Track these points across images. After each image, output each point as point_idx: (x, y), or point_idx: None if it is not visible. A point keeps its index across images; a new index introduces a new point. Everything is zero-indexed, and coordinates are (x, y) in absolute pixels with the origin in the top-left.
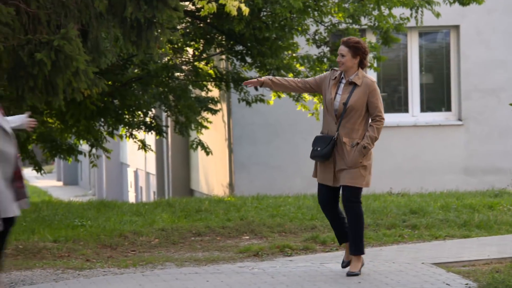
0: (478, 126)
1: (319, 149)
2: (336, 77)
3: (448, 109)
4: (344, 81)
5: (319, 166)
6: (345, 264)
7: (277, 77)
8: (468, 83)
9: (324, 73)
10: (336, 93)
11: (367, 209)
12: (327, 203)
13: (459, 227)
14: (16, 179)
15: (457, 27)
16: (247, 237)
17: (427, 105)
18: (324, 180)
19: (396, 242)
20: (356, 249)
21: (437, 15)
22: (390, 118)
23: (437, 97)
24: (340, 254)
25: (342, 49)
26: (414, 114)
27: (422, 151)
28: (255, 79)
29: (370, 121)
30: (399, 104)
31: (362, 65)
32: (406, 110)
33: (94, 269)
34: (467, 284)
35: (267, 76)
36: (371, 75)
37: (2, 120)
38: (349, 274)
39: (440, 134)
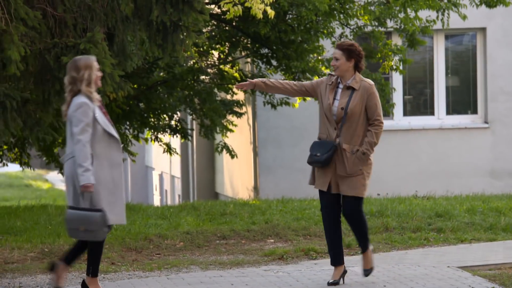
0: (505, 129)
1: (318, 154)
2: (333, 82)
3: (474, 111)
4: (341, 86)
5: (317, 172)
6: (332, 283)
7: (272, 80)
8: (494, 86)
9: (321, 78)
10: (334, 98)
11: (392, 212)
12: (330, 209)
13: (485, 230)
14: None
15: (483, 30)
16: (272, 241)
17: (453, 108)
18: (320, 185)
19: (421, 246)
20: (364, 245)
21: (464, 17)
22: (416, 121)
23: (463, 99)
24: None
25: (336, 52)
26: (440, 116)
27: (447, 154)
28: (248, 82)
29: (368, 126)
30: (425, 106)
31: (358, 68)
32: (432, 113)
33: (119, 272)
34: (493, 287)
35: (260, 79)
36: (397, 78)
37: (108, 125)
38: (367, 273)
39: (466, 136)
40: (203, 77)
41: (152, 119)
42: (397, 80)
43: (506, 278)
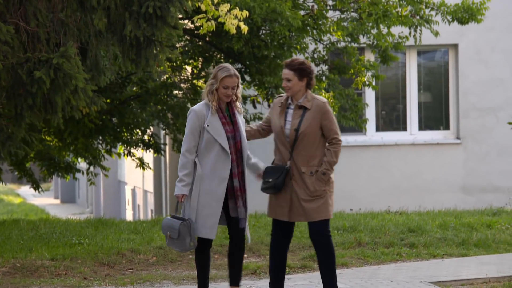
0: (477, 145)
1: (270, 180)
2: (282, 103)
3: (447, 127)
4: (292, 106)
5: (272, 200)
6: None
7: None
8: (466, 102)
9: (272, 103)
10: (285, 119)
11: (365, 227)
12: (281, 243)
13: (457, 246)
14: (231, 198)
15: (455, 46)
16: (245, 256)
17: (426, 124)
18: (279, 215)
19: (394, 261)
20: (330, 281)
21: (436, 34)
22: (388, 137)
23: (435, 115)
24: (339, 273)
25: (287, 73)
26: (413, 132)
27: (420, 170)
28: None
29: (326, 144)
30: (397, 122)
31: (309, 86)
32: (405, 129)
33: (92, 287)
34: None
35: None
36: (370, 93)
37: (220, 135)
38: None
39: (438, 152)
40: (176, 92)
41: (125, 134)
42: (369, 96)
43: None
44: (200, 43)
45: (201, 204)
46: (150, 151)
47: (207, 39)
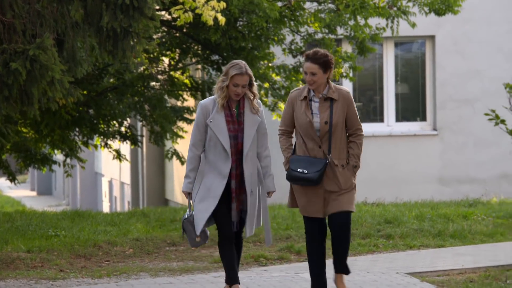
0: (453, 136)
1: (306, 172)
2: (305, 96)
3: (423, 119)
4: (315, 98)
5: (303, 195)
6: None
7: (288, 151)
8: (443, 93)
9: (287, 102)
10: (312, 113)
11: None
12: (319, 237)
13: (434, 237)
14: (231, 200)
15: (432, 37)
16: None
17: (403, 115)
18: (314, 212)
19: (370, 252)
20: (344, 266)
21: (413, 25)
22: (365, 128)
23: (412, 107)
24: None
25: (311, 66)
26: (389, 124)
27: (397, 161)
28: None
29: (350, 136)
30: (374, 113)
31: (329, 77)
32: (382, 120)
33: (68, 280)
34: None
35: (286, 159)
36: (347, 85)
37: (222, 132)
38: None
39: (415, 144)
40: (154, 83)
41: (102, 126)
42: (347, 87)
43: (454, 284)
44: (177, 34)
45: (197, 199)
46: (127, 142)
47: (185, 30)
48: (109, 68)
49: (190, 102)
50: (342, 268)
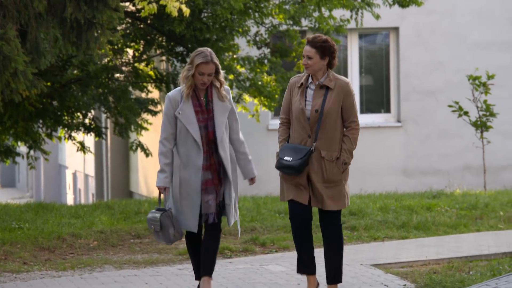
0: (417, 128)
1: (290, 159)
2: (302, 83)
3: (387, 110)
4: (312, 86)
5: (289, 183)
6: None
7: (281, 140)
8: (407, 85)
9: (286, 89)
10: (306, 100)
11: None
12: (302, 218)
13: (398, 229)
14: (204, 192)
15: (396, 29)
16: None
17: (367, 107)
18: (299, 197)
19: None
20: (337, 277)
21: (377, 17)
22: None
23: (376, 98)
24: (280, 256)
25: (308, 50)
26: None
27: (361, 153)
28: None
29: (344, 129)
30: None
31: (330, 65)
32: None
33: (32, 272)
34: (405, 285)
35: (279, 147)
36: None
37: (191, 123)
38: None
39: (379, 135)
40: (118, 75)
41: (66, 117)
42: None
43: (417, 275)
44: (141, 25)
45: (182, 195)
46: (91, 134)
47: (149, 21)
48: (73, 60)
49: (154, 94)
50: (333, 277)
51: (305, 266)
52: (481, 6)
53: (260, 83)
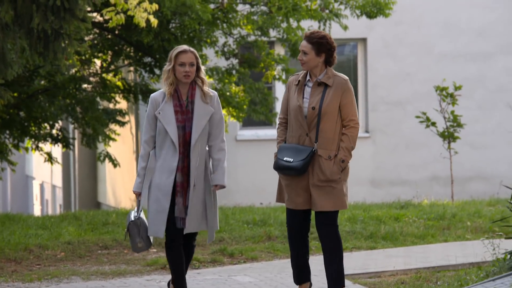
0: (385, 138)
1: (291, 160)
2: (299, 80)
3: None
4: (310, 83)
5: (288, 186)
6: None
7: (279, 141)
8: (375, 96)
9: (285, 88)
10: (303, 97)
11: (275, 221)
12: (300, 228)
13: (366, 239)
14: (177, 194)
15: (364, 40)
16: (155, 250)
17: None
18: (299, 205)
19: None
20: (339, 281)
21: (345, 27)
22: None
23: None
24: (249, 267)
25: (304, 45)
26: None
27: None
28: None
29: (343, 128)
30: None
31: (329, 63)
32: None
33: None
34: None
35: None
36: (280, 87)
37: (170, 123)
38: None
39: None
40: (85, 85)
41: (33, 128)
42: (280, 90)
43: (385, 285)
44: (109, 36)
45: (151, 200)
46: (58, 145)
47: (117, 32)
48: (40, 70)
49: (122, 104)
50: (336, 281)
51: (302, 275)
52: (448, 17)
53: (228, 93)
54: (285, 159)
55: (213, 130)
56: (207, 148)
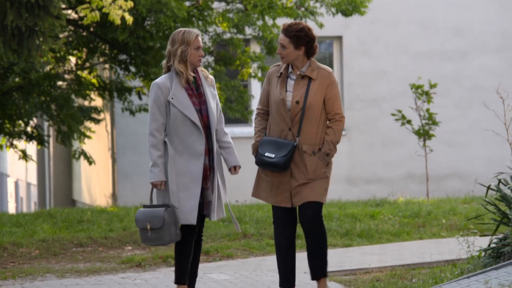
0: (361, 136)
1: (273, 156)
2: (281, 72)
3: None
4: (293, 75)
5: (266, 184)
6: None
7: (259, 134)
8: (351, 94)
9: (265, 79)
10: (286, 90)
11: (251, 219)
12: (287, 227)
13: (341, 236)
14: (204, 179)
15: (340, 38)
16: (130, 248)
17: None
18: (280, 201)
19: None
20: (323, 269)
21: (320, 25)
22: None
23: None
24: (224, 264)
25: (282, 39)
26: None
27: None
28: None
29: (328, 121)
30: None
31: (310, 54)
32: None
33: None
34: None
35: (256, 139)
36: (256, 85)
37: (188, 108)
38: None
39: None
40: (60, 83)
41: (8, 125)
42: (256, 87)
43: (361, 283)
44: (84, 33)
45: (179, 187)
46: (33, 143)
47: (92, 29)
48: (15, 67)
49: (97, 102)
50: (319, 271)
51: (289, 279)
52: (424, 16)
53: None
54: (266, 154)
55: (217, 114)
56: None
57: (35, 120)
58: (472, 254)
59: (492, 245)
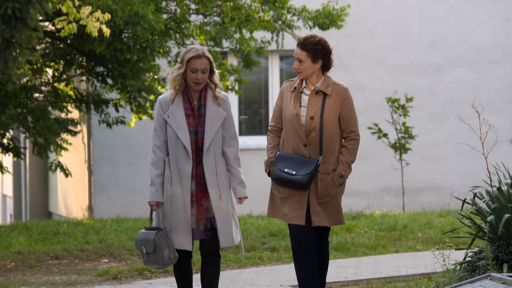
0: None
1: (294, 173)
2: (295, 87)
3: None
4: (307, 91)
5: (284, 199)
6: None
7: (273, 150)
8: None
9: (278, 95)
10: (301, 106)
11: None
12: (307, 241)
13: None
14: (192, 204)
15: None
16: (106, 260)
17: None
18: (296, 219)
19: (255, 265)
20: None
21: (298, 39)
22: (251, 141)
23: None
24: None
25: (299, 53)
26: None
27: None
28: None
29: (343, 140)
30: (259, 126)
31: (326, 68)
32: (267, 133)
33: None
34: None
35: (271, 158)
36: (233, 98)
37: (181, 127)
38: None
39: None
40: (37, 95)
41: None
42: (232, 100)
43: None
44: (61, 45)
45: (173, 210)
46: (9, 155)
47: (69, 41)
48: None
49: (74, 114)
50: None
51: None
52: (400, 29)
53: None
54: (286, 170)
55: (225, 136)
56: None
57: (11, 132)
58: (448, 268)
59: (468, 259)
